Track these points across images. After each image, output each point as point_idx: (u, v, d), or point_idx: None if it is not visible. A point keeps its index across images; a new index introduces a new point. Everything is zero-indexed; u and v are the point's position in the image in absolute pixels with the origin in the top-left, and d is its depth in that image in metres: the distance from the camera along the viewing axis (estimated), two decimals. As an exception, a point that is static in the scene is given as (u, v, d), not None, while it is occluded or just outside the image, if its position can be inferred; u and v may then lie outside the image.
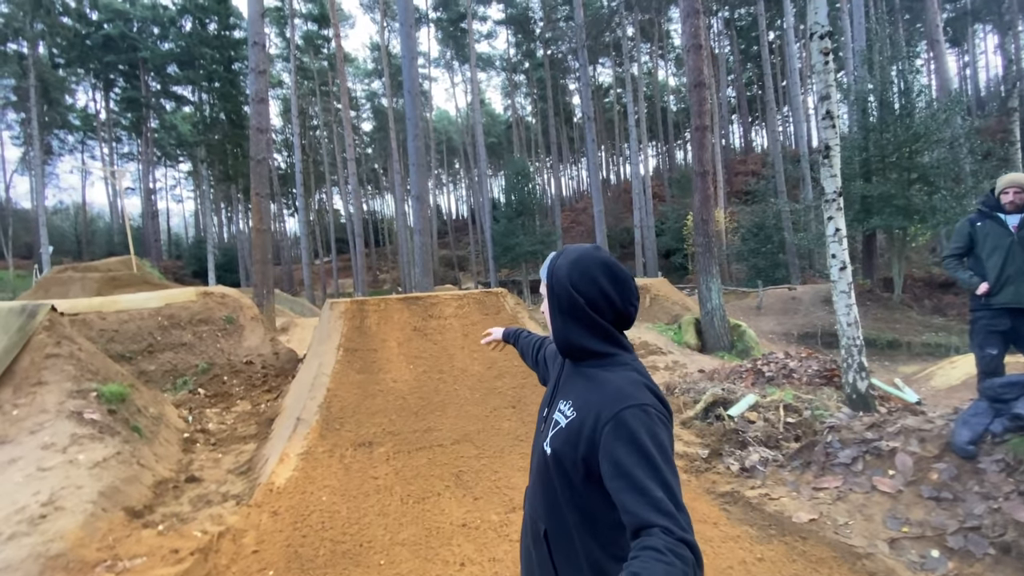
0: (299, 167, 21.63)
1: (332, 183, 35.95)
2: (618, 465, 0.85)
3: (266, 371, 6.27)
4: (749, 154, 42.13)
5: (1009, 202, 3.25)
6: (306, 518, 2.83)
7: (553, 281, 1.03)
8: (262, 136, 10.35)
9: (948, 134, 12.45)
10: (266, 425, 4.62)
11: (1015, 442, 2.52)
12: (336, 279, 29.74)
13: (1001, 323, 3.19)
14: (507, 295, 5.49)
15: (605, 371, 0.99)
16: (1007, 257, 3.15)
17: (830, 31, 5.57)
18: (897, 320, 12.65)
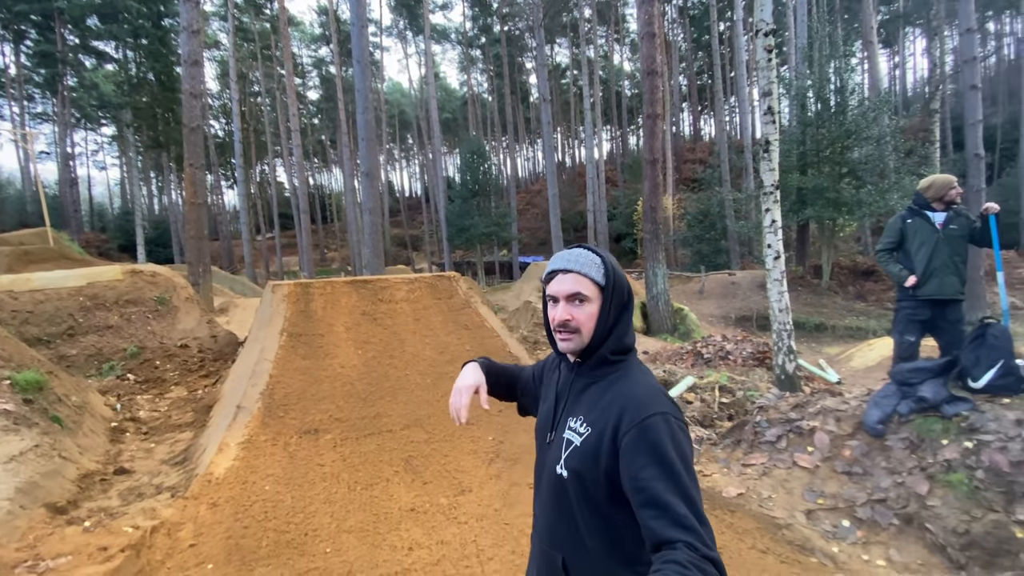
0: (238, 136, 20.33)
1: (275, 154, 34.06)
2: (639, 478, 0.82)
3: (203, 355, 5.98)
4: (698, 142, 43.49)
5: (948, 198, 3.51)
6: (248, 509, 2.75)
7: (617, 280, 0.99)
8: (196, 102, 9.64)
9: (876, 132, 13.34)
10: (204, 412, 4.43)
11: (919, 422, 2.80)
12: (280, 257, 28.51)
13: (923, 313, 3.50)
14: (460, 279, 5.46)
15: (620, 377, 0.97)
16: (933, 252, 3.44)
17: (774, 29, 5.79)
18: (824, 305, 13.63)
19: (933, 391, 2.78)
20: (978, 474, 2.42)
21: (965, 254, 3.53)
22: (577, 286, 0.97)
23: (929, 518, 2.41)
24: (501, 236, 25.37)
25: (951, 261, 3.43)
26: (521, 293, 13.46)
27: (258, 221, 35.42)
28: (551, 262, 1.04)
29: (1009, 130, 25.63)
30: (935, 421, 2.72)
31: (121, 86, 18.42)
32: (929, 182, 3.57)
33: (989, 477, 2.39)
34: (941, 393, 2.76)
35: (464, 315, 5.07)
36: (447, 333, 4.83)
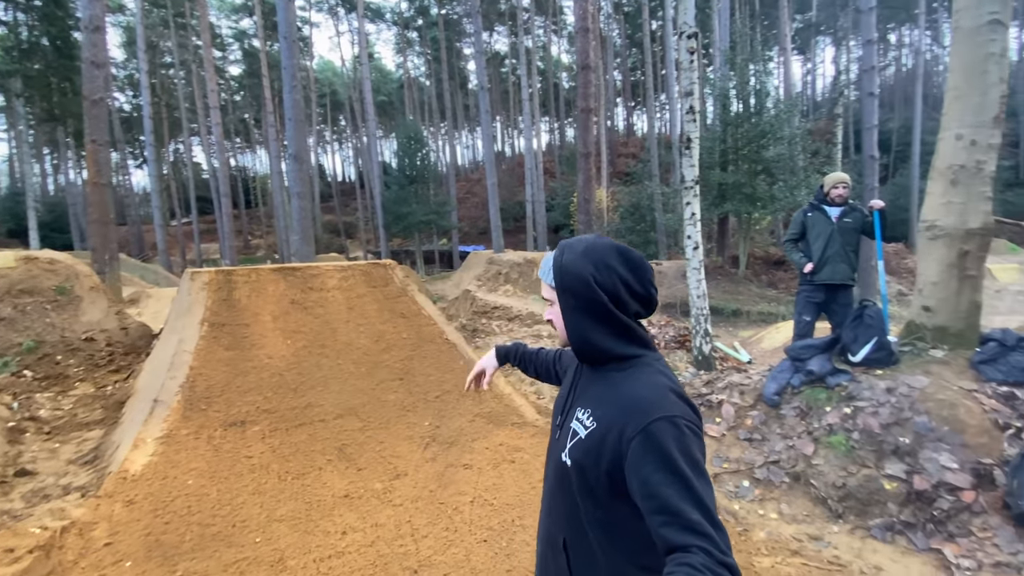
0: (148, 111, 18.57)
1: (192, 132, 31.49)
2: (647, 484, 0.80)
3: (112, 349, 5.54)
4: (631, 137, 45.03)
5: (838, 195, 3.95)
6: (168, 504, 2.65)
7: (564, 278, 0.95)
8: (98, 72, 8.76)
9: (788, 133, 14.50)
10: (115, 409, 4.15)
11: (808, 392, 3.17)
12: (198, 244, 26.53)
13: (818, 296, 3.94)
14: (396, 267, 5.41)
15: (628, 375, 0.94)
16: (828, 242, 3.87)
17: (696, 32, 6.15)
18: (741, 292, 14.72)
19: (819, 365, 3.16)
20: (854, 436, 2.80)
21: (856, 245, 4.00)
22: (544, 290, 1.03)
23: (814, 475, 2.76)
24: (440, 224, 25.08)
25: (843, 250, 3.88)
26: (461, 282, 13.46)
27: (172, 205, 32.72)
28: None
29: (903, 134, 28.58)
30: (821, 391, 3.10)
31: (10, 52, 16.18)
32: (825, 180, 4.01)
33: (863, 438, 2.77)
34: (826, 367, 3.15)
35: (400, 303, 5.04)
36: (382, 321, 4.79)
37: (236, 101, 40.73)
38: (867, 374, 3.07)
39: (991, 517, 2.27)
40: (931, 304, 3.13)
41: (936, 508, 2.37)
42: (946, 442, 2.56)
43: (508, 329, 8.12)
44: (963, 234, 2.96)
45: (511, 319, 8.33)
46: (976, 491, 2.37)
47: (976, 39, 2.84)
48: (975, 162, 2.88)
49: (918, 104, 22.74)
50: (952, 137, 2.95)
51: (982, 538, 2.22)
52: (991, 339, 3.03)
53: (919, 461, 2.54)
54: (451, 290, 13.75)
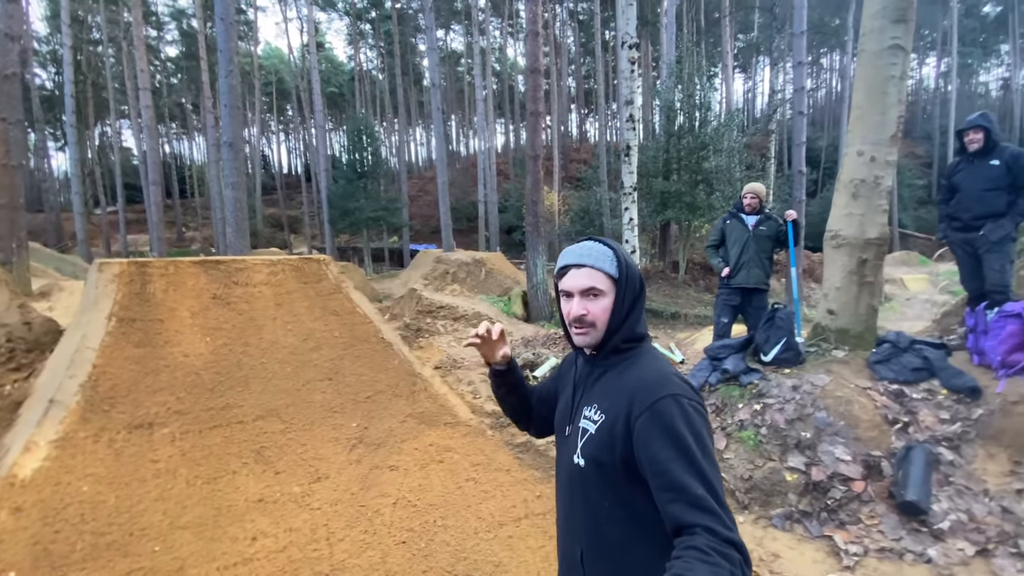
0: (70, 90, 17.08)
1: (121, 115, 29.27)
2: (655, 461, 0.81)
3: (12, 345, 5.03)
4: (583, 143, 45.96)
5: (747, 204, 4.18)
6: (60, 512, 2.44)
7: (630, 271, 0.99)
8: (12, 45, 7.99)
9: (726, 145, 15.24)
10: (11, 411, 3.78)
11: (723, 389, 3.33)
12: (124, 235, 24.67)
13: (734, 299, 4.15)
14: (331, 262, 5.22)
15: (631, 363, 0.97)
16: (743, 248, 4.08)
17: (637, 42, 6.35)
18: (679, 296, 15.33)
19: (734, 364, 3.32)
20: (762, 431, 2.96)
21: (771, 251, 4.25)
22: (591, 280, 0.97)
23: (724, 469, 2.89)
24: (390, 222, 24.56)
25: (758, 256, 4.11)
26: (408, 280, 13.24)
27: (96, 192, 30.27)
28: (563, 256, 1.03)
29: (831, 152, 30.72)
30: (735, 388, 3.27)
31: None
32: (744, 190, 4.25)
33: (770, 433, 2.94)
34: (740, 365, 3.32)
35: (334, 300, 4.88)
36: (313, 319, 4.62)
37: (172, 84, 38.29)
38: (776, 373, 3.27)
39: (878, 505, 2.46)
40: (834, 308, 3.37)
41: (830, 497, 2.55)
42: (841, 436, 2.75)
43: (453, 328, 8.06)
44: (862, 243, 3.20)
45: (456, 319, 8.27)
46: (866, 481, 2.56)
47: (878, 62, 3.09)
48: (874, 177, 3.13)
49: (844, 124, 24.54)
50: (855, 153, 3.18)
51: (869, 525, 2.40)
52: (886, 341, 3.29)
53: (817, 454, 2.72)
54: (398, 288, 13.50)
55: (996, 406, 2.69)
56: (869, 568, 2.20)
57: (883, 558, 2.24)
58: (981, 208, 3.20)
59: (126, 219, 25.30)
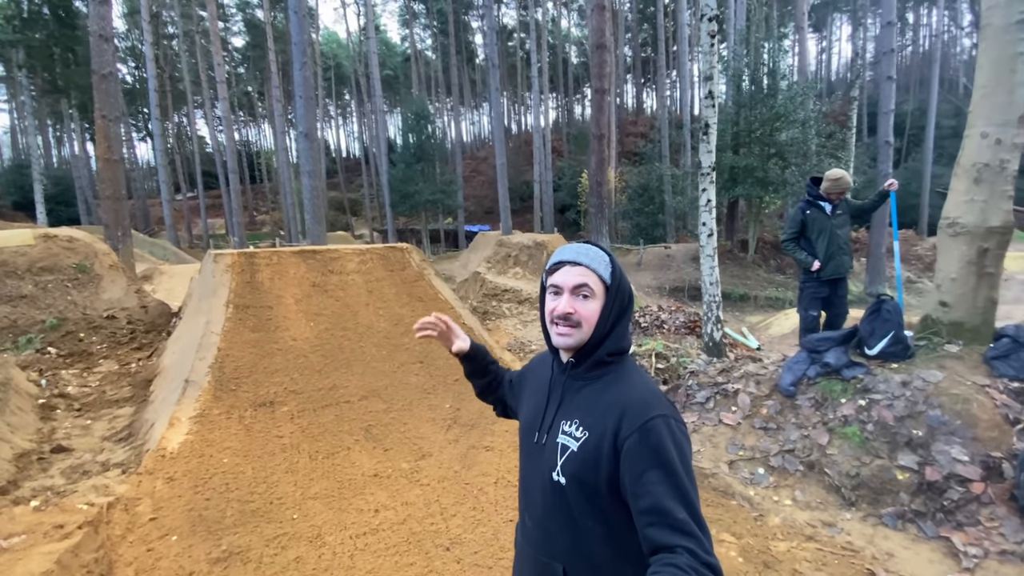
0: (153, 84, 18.36)
1: (196, 105, 31.14)
2: (640, 482, 0.81)
3: (133, 326, 5.65)
4: (640, 116, 44.32)
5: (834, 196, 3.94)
6: (207, 481, 2.76)
7: (621, 281, 0.98)
8: (107, 46, 8.66)
9: (802, 115, 14.28)
10: (142, 387, 4.27)
11: (823, 384, 3.25)
12: (204, 219, 26.52)
13: (823, 291, 3.98)
14: (413, 251, 5.45)
15: (615, 378, 0.96)
16: (830, 238, 3.89)
17: (717, 14, 6.04)
18: (748, 277, 14.74)
19: (836, 357, 3.22)
20: (868, 427, 2.88)
21: (850, 235, 4.03)
22: (585, 278, 0.95)
23: (828, 464, 2.85)
24: (446, 204, 24.97)
25: (844, 245, 3.91)
26: (469, 263, 13.51)
27: (177, 179, 32.60)
28: (557, 253, 1.01)
29: (918, 117, 28.11)
30: (836, 383, 3.18)
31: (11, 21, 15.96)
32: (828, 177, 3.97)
33: (877, 429, 2.85)
34: (842, 359, 3.21)
35: (418, 287, 5.11)
36: (401, 305, 4.87)
37: (239, 74, 40.18)
38: (883, 367, 3.14)
39: (998, 508, 2.36)
40: (948, 300, 3.17)
41: (946, 498, 2.47)
42: (958, 435, 2.64)
43: (518, 312, 8.21)
44: (984, 232, 2.98)
45: (521, 302, 8.40)
46: (985, 483, 2.45)
47: (1006, 37, 2.82)
48: (999, 161, 2.89)
49: (934, 87, 22.31)
50: (978, 135, 2.94)
51: (989, 527, 2.31)
52: (1005, 335, 3.08)
53: (931, 453, 2.62)
54: (458, 271, 13.82)
55: None
56: (990, 571, 2.14)
57: (1005, 560, 2.16)
58: None
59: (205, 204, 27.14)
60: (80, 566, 2.05)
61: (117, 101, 9.28)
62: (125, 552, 2.15)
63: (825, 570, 2.22)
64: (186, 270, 9.79)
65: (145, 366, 4.81)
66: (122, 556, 2.13)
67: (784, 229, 4.18)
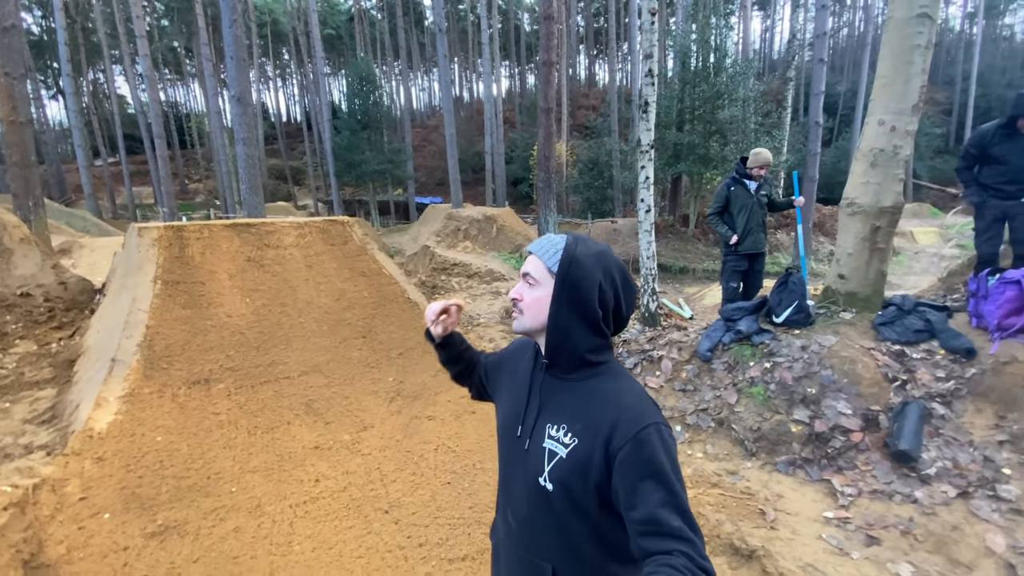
0: (62, 36, 16.56)
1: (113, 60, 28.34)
2: (634, 493, 0.82)
3: (51, 304, 5.31)
4: (592, 88, 44.34)
5: (758, 174, 4.24)
6: (140, 460, 2.74)
7: (571, 270, 0.91)
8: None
9: (742, 94, 14.81)
10: (65, 368, 4.08)
11: (736, 349, 3.56)
12: (129, 187, 24.55)
13: (743, 264, 4.30)
14: (355, 224, 5.37)
15: (602, 382, 0.94)
16: (750, 215, 4.19)
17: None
18: (688, 250, 15.43)
19: (747, 325, 3.54)
20: (771, 387, 3.21)
21: (766, 215, 4.38)
22: (530, 266, 0.96)
23: (735, 420, 3.17)
24: (396, 174, 24.29)
25: (762, 222, 4.24)
26: (419, 236, 13.36)
27: (95, 142, 29.85)
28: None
29: (849, 98, 29.66)
30: (747, 348, 3.50)
31: None
32: (753, 154, 4.27)
33: (778, 388, 3.19)
34: (753, 326, 3.53)
35: (361, 262, 5.07)
36: (343, 280, 4.83)
37: (164, 27, 36.76)
38: (787, 333, 3.48)
39: (873, 454, 2.74)
40: (845, 272, 3.54)
41: (830, 447, 2.83)
42: (844, 392, 3.00)
43: (467, 286, 8.29)
44: (877, 211, 3.32)
45: (470, 276, 8.48)
46: (864, 432, 2.83)
47: (905, 30, 3.09)
48: (893, 147, 3.21)
49: (865, 69, 23.59)
50: (876, 122, 3.25)
51: (864, 471, 2.68)
52: (891, 304, 3.48)
53: (821, 408, 2.98)
54: (408, 244, 13.66)
55: (988, 366, 2.91)
56: (861, 507, 2.50)
57: (874, 499, 2.53)
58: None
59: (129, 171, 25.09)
60: (8, 546, 2.02)
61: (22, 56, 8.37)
62: (55, 531, 2.14)
63: (724, 512, 2.52)
64: (109, 243, 9.17)
65: (67, 346, 4.57)
66: (52, 535, 2.12)
67: (711, 204, 4.46)
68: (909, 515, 2.39)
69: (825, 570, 2.15)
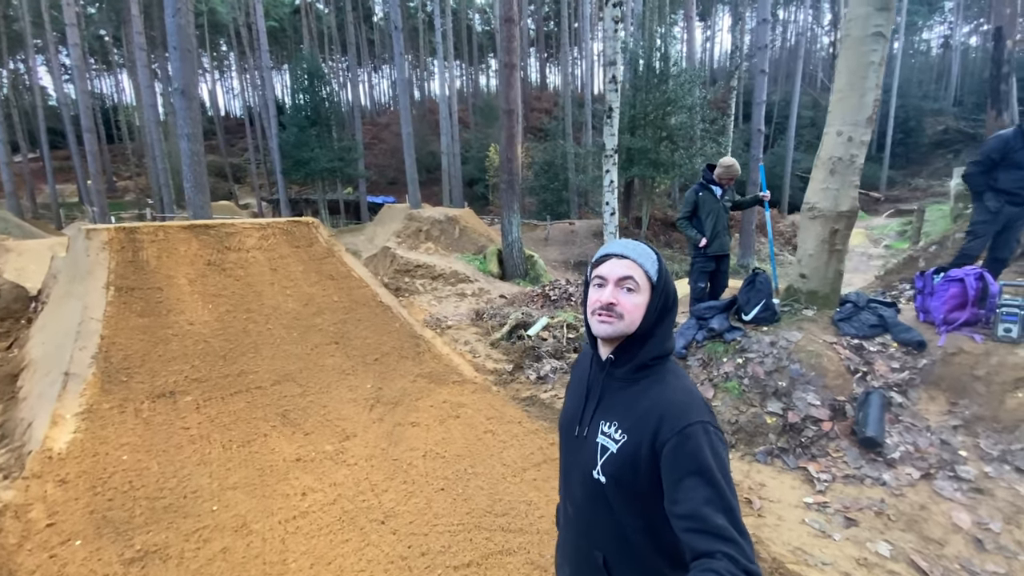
0: (-28, 18, 14.94)
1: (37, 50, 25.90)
2: (679, 488, 0.82)
3: (-20, 313, 4.82)
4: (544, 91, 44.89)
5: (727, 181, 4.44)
6: (106, 481, 2.54)
7: (666, 282, 0.98)
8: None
9: (690, 102, 15.47)
10: (7, 383, 3.71)
11: (709, 346, 3.72)
12: (53, 185, 22.51)
13: (710, 265, 4.50)
14: (320, 226, 5.19)
15: (656, 381, 0.96)
16: (717, 219, 4.39)
17: (621, 0, 6.33)
18: (643, 250, 15.93)
19: (719, 323, 3.71)
20: (745, 381, 3.38)
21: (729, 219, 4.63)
22: (631, 271, 0.96)
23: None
24: (346, 172, 23.58)
25: (727, 226, 4.47)
26: (375, 237, 13.06)
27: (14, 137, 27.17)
28: (606, 247, 1.02)
29: (783, 107, 31.59)
30: (720, 345, 3.66)
31: None
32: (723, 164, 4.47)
33: (751, 383, 3.36)
34: (724, 324, 3.71)
35: (328, 264, 4.91)
36: (311, 284, 4.66)
37: (90, 15, 33.98)
38: (756, 330, 3.68)
39: (842, 441, 2.94)
40: (806, 272, 3.78)
41: (803, 436, 3.01)
42: (812, 384, 3.20)
43: (432, 288, 8.18)
44: (835, 215, 3.57)
45: (435, 278, 8.38)
46: (832, 422, 3.03)
47: (861, 48, 3.34)
48: (850, 155, 3.47)
49: (798, 80, 25.20)
50: (834, 133, 3.49)
51: (835, 457, 2.88)
52: (848, 301, 3.75)
53: (792, 400, 3.17)
54: (363, 245, 13.30)
55: (938, 357, 3.20)
56: (837, 491, 2.68)
57: (847, 483, 2.73)
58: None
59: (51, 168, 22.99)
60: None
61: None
62: (25, 561, 1.94)
63: (713, 503, 2.63)
64: (37, 246, 8.38)
65: (5, 359, 4.15)
66: (22, 565, 1.92)
67: (680, 208, 4.63)
68: (880, 497, 2.59)
69: (812, 552, 2.29)
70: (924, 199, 22.59)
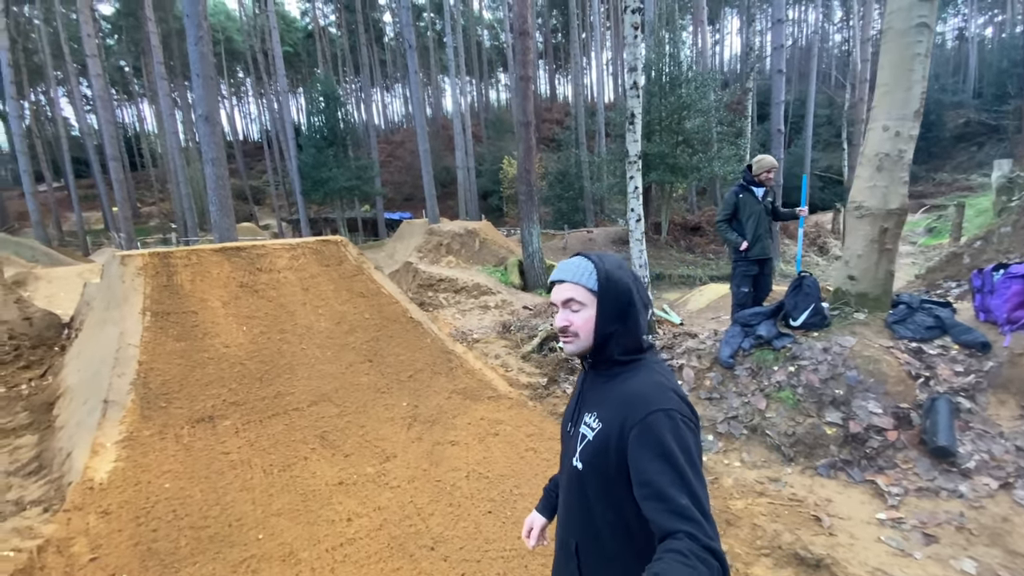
0: (6, 58, 15.58)
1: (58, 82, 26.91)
2: (643, 472, 0.86)
3: (17, 342, 4.88)
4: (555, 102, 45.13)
5: (767, 179, 4.31)
6: (150, 511, 2.49)
7: (609, 284, 1.01)
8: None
9: (705, 105, 15.34)
10: (42, 411, 3.73)
11: (757, 354, 3.57)
12: (79, 213, 23.19)
13: (753, 269, 4.35)
14: (348, 244, 5.18)
15: (630, 375, 1.00)
16: (759, 221, 4.25)
17: (641, 7, 6.28)
18: (662, 257, 15.72)
19: (767, 329, 3.56)
20: (799, 390, 3.22)
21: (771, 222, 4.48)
22: (571, 292, 1.02)
23: (768, 426, 3.16)
24: (364, 191, 23.87)
25: (769, 228, 4.32)
26: (396, 253, 13.10)
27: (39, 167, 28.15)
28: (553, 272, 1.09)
29: (798, 107, 31.19)
30: (768, 352, 3.51)
31: None
32: (757, 161, 4.35)
33: (806, 392, 3.20)
34: (772, 331, 3.56)
35: (358, 282, 4.88)
36: (342, 302, 4.63)
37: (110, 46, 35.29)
38: (806, 336, 3.52)
39: (911, 451, 2.77)
40: (855, 274, 3.61)
41: (868, 447, 2.84)
42: (872, 392, 3.04)
43: (456, 301, 8.13)
44: (884, 213, 3.42)
45: (458, 291, 8.33)
46: (898, 431, 2.86)
47: (905, 40, 3.22)
48: (898, 151, 3.32)
49: (813, 79, 24.86)
50: (880, 128, 3.35)
51: (905, 469, 2.70)
52: (901, 302, 3.57)
53: (852, 409, 3.00)
54: (385, 261, 13.34)
55: (1004, 358, 3.01)
56: (911, 505, 2.51)
57: (922, 496, 2.55)
58: None
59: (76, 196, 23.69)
60: (14, 626, 1.77)
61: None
62: (72, 602, 1.89)
63: (779, 521, 2.48)
64: (67, 273, 8.57)
65: (39, 387, 4.18)
66: (69, 607, 1.87)
67: (719, 211, 4.51)
68: (959, 510, 2.41)
69: (894, 573, 2.13)
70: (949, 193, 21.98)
